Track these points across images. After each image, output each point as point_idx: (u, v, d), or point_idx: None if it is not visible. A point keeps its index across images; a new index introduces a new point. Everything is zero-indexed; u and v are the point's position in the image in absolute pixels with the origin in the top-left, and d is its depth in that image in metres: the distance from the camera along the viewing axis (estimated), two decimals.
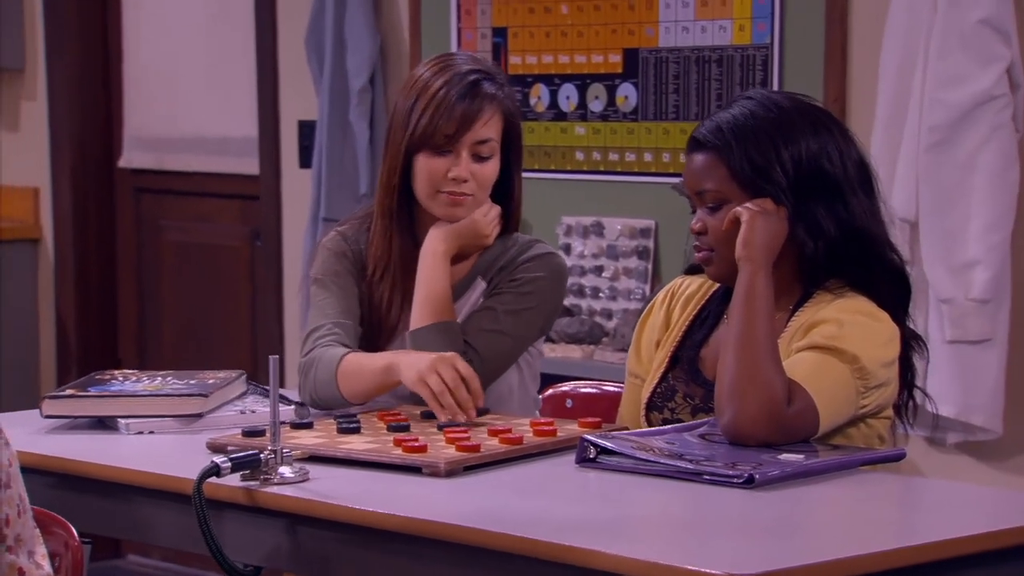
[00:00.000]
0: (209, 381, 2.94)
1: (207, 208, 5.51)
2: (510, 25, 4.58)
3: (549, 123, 4.52)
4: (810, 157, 2.63)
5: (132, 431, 2.81)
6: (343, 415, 2.77)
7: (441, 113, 2.87)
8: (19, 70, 5.76)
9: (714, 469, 2.42)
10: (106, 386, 2.93)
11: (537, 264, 2.98)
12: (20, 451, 2.68)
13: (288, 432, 2.67)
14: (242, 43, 5.21)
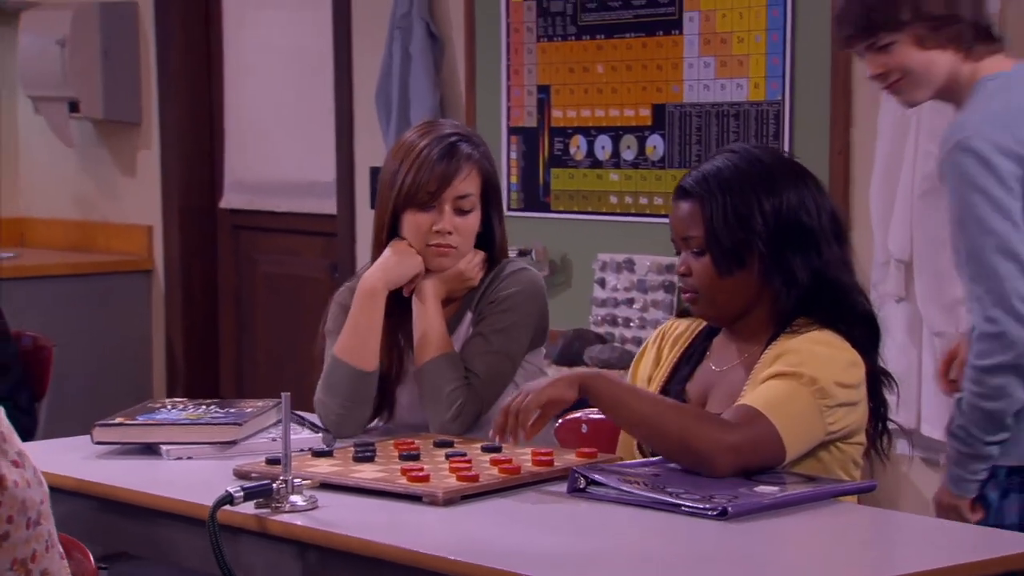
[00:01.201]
0: (247, 410, 2.78)
1: (293, 244, 5.40)
2: (553, 83, 4.44)
3: (587, 170, 4.36)
4: (789, 209, 2.46)
5: (172, 457, 2.66)
6: (361, 444, 2.59)
7: (423, 172, 2.75)
8: (136, 124, 5.69)
9: (691, 502, 2.23)
10: (153, 414, 2.77)
11: (511, 281, 2.83)
12: (65, 475, 2.57)
13: (308, 460, 2.52)
14: (323, 99, 5.11)
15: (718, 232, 2.44)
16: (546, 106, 4.45)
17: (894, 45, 2.75)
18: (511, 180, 4.52)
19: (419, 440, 2.64)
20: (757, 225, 2.43)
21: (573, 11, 4.36)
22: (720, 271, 2.46)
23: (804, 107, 3.92)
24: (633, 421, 2.42)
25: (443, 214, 2.77)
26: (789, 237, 2.44)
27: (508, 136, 4.52)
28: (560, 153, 4.42)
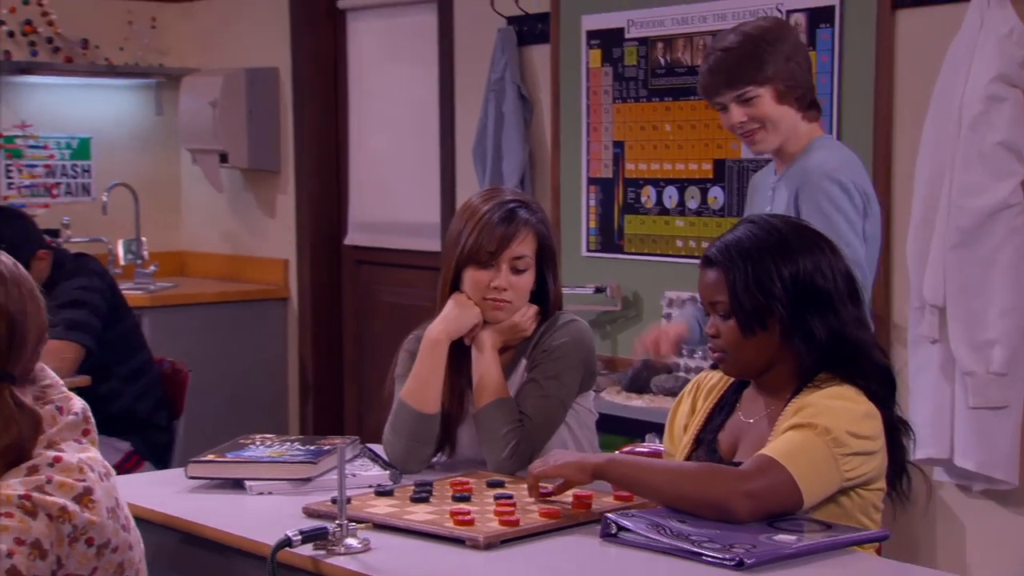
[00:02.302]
0: (324, 447, 2.63)
1: (406, 276, 5.28)
2: (627, 139, 4.28)
3: (656, 216, 4.18)
4: (805, 274, 2.28)
5: (255, 492, 2.52)
6: (420, 484, 2.43)
7: (484, 234, 2.61)
8: (276, 172, 5.64)
9: (712, 551, 2.05)
10: (241, 451, 2.64)
11: (561, 332, 2.68)
12: (155, 509, 2.44)
13: (370, 499, 2.37)
14: (431, 151, 5.01)
15: (741, 298, 2.27)
16: (621, 160, 4.29)
17: (757, 98, 2.88)
18: (590, 224, 4.37)
19: (474, 480, 2.48)
20: (776, 290, 2.26)
21: (644, 76, 4.20)
22: (744, 333, 2.28)
23: None
24: (653, 494, 2.25)
25: (500, 272, 2.63)
26: (807, 300, 2.26)
27: (587, 186, 4.37)
28: (632, 201, 4.26)
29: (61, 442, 1.76)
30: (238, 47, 5.70)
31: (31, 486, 1.67)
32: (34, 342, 1.79)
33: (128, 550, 1.77)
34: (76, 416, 1.81)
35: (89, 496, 1.70)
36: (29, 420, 1.73)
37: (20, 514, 1.65)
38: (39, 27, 5.57)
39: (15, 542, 1.64)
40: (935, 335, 3.36)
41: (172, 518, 2.39)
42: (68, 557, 1.68)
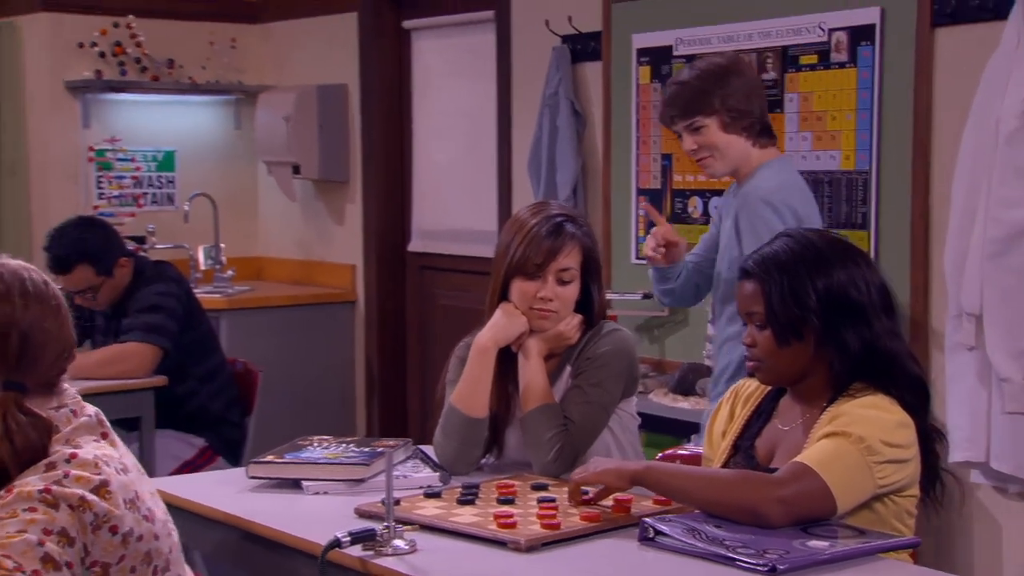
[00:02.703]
0: (377, 450, 2.58)
1: (465, 281, 5.21)
2: (674, 152, 4.19)
3: (702, 226, 4.09)
4: (839, 286, 2.20)
5: (311, 492, 2.48)
6: (467, 486, 2.38)
7: (532, 247, 2.56)
8: (344, 182, 5.62)
9: (745, 556, 1.98)
10: (299, 452, 2.60)
11: (604, 341, 2.62)
12: (216, 507, 2.41)
13: (418, 501, 2.32)
14: (488, 162, 4.97)
15: (776, 309, 2.20)
16: (668, 171, 4.21)
17: (704, 128, 2.95)
18: (638, 233, 4.28)
19: (519, 483, 2.42)
20: (811, 302, 2.19)
21: None
22: (779, 343, 2.22)
23: (889, 176, 3.60)
24: (689, 500, 2.19)
25: (546, 283, 2.57)
26: (841, 312, 2.19)
27: (637, 196, 4.29)
28: (680, 211, 4.18)
29: (77, 439, 1.75)
30: (310, 65, 5.69)
31: (50, 480, 1.67)
32: (53, 356, 1.79)
33: (154, 540, 1.75)
34: (90, 418, 1.81)
35: (106, 488, 1.69)
36: (39, 426, 1.73)
37: (43, 507, 1.64)
38: (128, 48, 5.59)
39: (43, 532, 1.63)
40: (972, 342, 3.25)
41: (232, 516, 2.36)
42: (93, 544, 1.67)
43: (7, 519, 1.63)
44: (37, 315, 1.78)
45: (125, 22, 5.55)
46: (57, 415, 1.77)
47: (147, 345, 3.84)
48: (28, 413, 1.73)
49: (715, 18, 4.02)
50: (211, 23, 5.81)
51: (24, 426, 1.71)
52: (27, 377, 1.76)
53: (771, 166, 3.02)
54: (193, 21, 5.77)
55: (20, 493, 1.65)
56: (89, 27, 5.51)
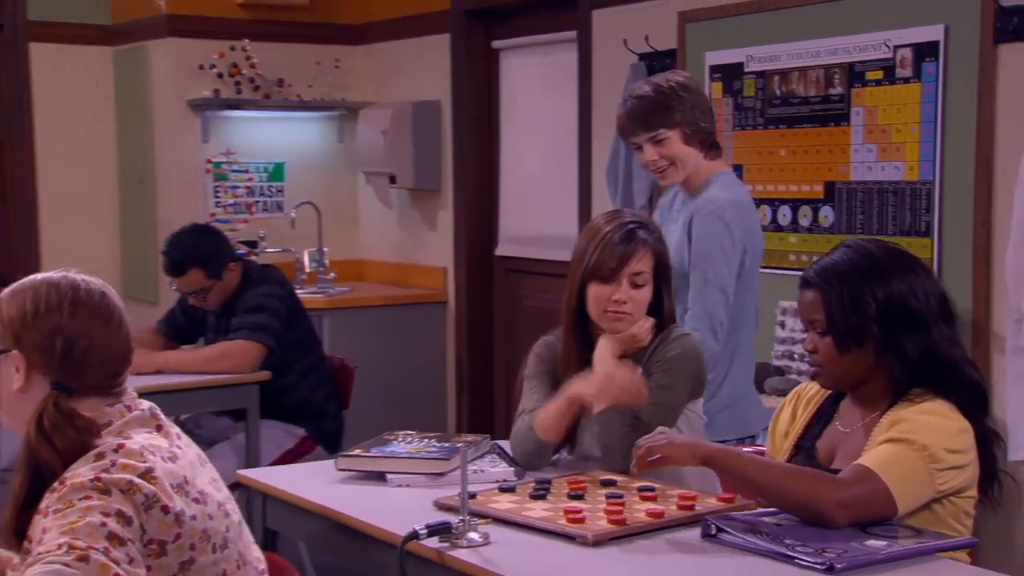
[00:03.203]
0: (457, 445, 2.53)
1: (548, 284, 5.13)
2: (745, 163, 4.09)
3: (771, 233, 3.98)
4: (898, 295, 2.10)
5: (395, 484, 2.44)
6: (540, 481, 2.32)
7: (606, 252, 2.48)
8: (437, 191, 5.59)
9: (805, 555, 1.90)
10: (384, 447, 2.56)
11: (673, 345, 2.53)
12: (307, 498, 2.38)
13: (493, 495, 2.27)
14: (570, 172, 4.89)
15: (836, 318, 2.11)
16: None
17: (667, 140, 2.92)
18: None
19: (588, 478, 2.36)
20: (870, 310, 2.09)
21: (762, 106, 4.01)
22: (840, 350, 2.12)
23: (952, 186, 3.47)
24: (756, 489, 2.09)
25: (620, 287, 2.49)
26: (900, 320, 2.09)
27: None
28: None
29: (128, 431, 1.75)
30: (407, 83, 5.68)
31: (99, 469, 1.66)
32: (100, 360, 1.78)
33: (208, 520, 1.72)
34: (143, 412, 1.80)
35: (151, 474, 1.68)
36: (78, 424, 1.73)
37: (96, 494, 1.63)
38: (243, 69, 5.63)
39: (103, 514, 1.62)
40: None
41: (321, 506, 2.33)
42: (148, 523, 1.65)
43: (66, 509, 1.62)
44: (84, 323, 1.78)
45: (241, 45, 5.59)
46: (111, 411, 1.77)
47: (253, 343, 3.85)
48: (67, 412, 1.73)
49: (784, 36, 3.91)
50: (318, 45, 5.83)
51: (60, 423, 1.72)
52: (73, 379, 1.76)
53: (722, 178, 3.00)
54: (301, 44, 5.79)
55: (73, 484, 1.65)
56: (209, 50, 5.56)
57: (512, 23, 5.26)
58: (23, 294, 1.80)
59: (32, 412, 1.73)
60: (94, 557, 1.57)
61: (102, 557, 1.58)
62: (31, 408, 1.74)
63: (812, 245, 3.88)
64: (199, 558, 1.70)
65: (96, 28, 5.85)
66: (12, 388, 1.77)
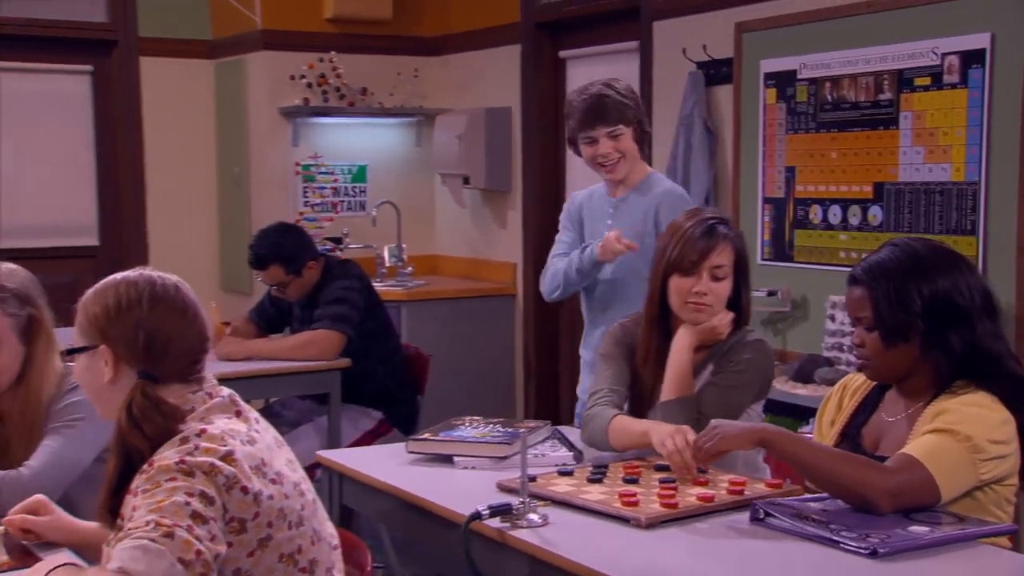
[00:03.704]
0: (520, 430, 2.48)
1: None
2: (797, 165, 3.99)
3: (822, 231, 3.88)
4: (943, 292, 2.02)
5: (461, 466, 2.42)
6: (597, 465, 2.27)
7: (688, 246, 2.42)
8: (507, 191, 5.55)
9: (849, 540, 1.83)
10: (452, 431, 2.53)
11: (748, 349, 2.46)
12: (379, 478, 2.36)
13: (553, 478, 2.23)
14: None
15: (883, 314, 2.03)
16: (792, 182, 4.00)
17: (623, 136, 3.01)
18: (764, 237, 4.10)
19: (644, 464, 2.30)
20: (916, 307, 2.01)
21: (814, 111, 3.91)
22: (887, 344, 2.05)
23: (997, 187, 3.35)
24: (806, 470, 2.02)
25: (701, 279, 2.42)
26: (944, 315, 2.01)
27: (763, 204, 4.10)
28: (802, 218, 3.97)
29: (210, 417, 1.74)
30: (480, 91, 5.65)
31: (183, 452, 1.66)
32: (179, 350, 1.78)
33: (284, 499, 1.71)
34: (223, 399, 1.79)
35: (231, 456, 1.67)
36: (164, 410, 1.73)
37: (181, 476, 1.63)
38: (330, 79, 5.64)
39: (187, 494, 1.61)
40: None
41: (392, 487, 2.31)
42: (229, 503, 1.64)
43: (154, 489, 1.62)
44: (162, 316, 1.77)
45: (328, 57, 5.61)
46: (193, 398, 1.76)
47: (334, 332, 3.84)
48: (154, 399, 1.73)
49: (836, 44, 3.81)
50: (399, 57, 5.82)
51: (147, 411, 1.71)
52: (157, 369, 1.76)
53: (658, 175, 3.17)
54: (384, 55, 5.79)
55: (160, 466, 1.64)
56: (299, 62, 5.58)
57: (578, 34, 5.20)
58: (105, 293, 1.80)
59: (122, 401, 1.73)
60: (178, 534, 1.56)
61: (186, 534, 1.57)
62: (120, 397, 1.74)
63: (861, 243, 3.77)
64: (276, 535, 1.68)
65: (199, 43, 5.91)
66: (103, 380, 1.78)
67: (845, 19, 3.78)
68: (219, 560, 1.61)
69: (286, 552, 1.70)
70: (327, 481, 2.56)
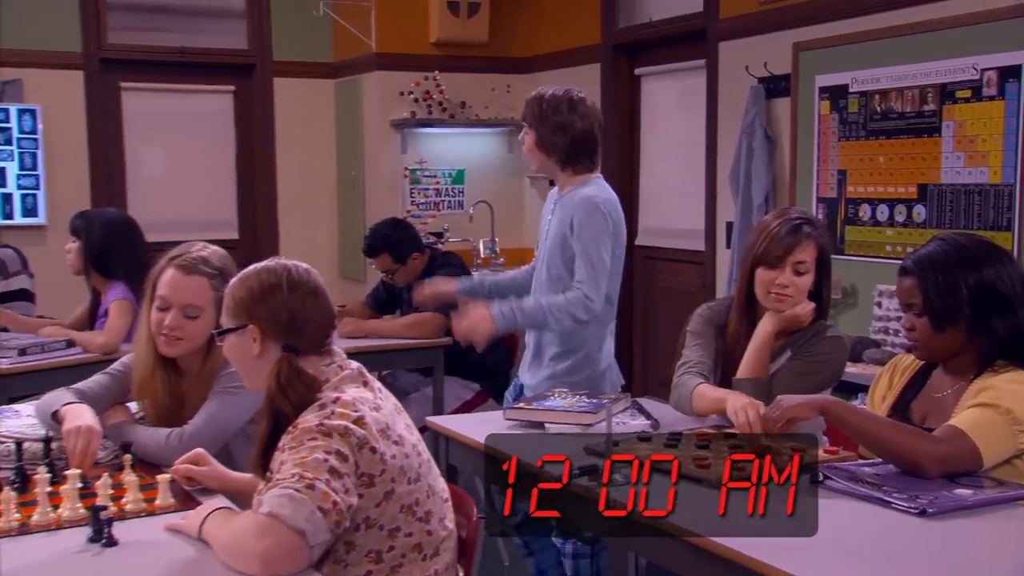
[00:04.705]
0: (603, 401, 2.49)
1: (679, 268, 5.04)
2: (848, 168, 3.91)
3: (870, 228, 3.81)
4: (988, 281, 1.98)
5: (552, 431, 2.42)
6: (673, 433, 2.26)
7: (774, 242, 2.38)
8: None
9: (900, 500, 1.81)
10: (544, 401, 2.54)
11: (825, 343, 2.42)
12: (478, 440, 2.37)
13: (633, 443, 2.21)
14: (697, 176, 4.76)
15: (932, 301, 1.99)
16: (844, 184, 3.93)
17: (526, 136, 2.93)
18: None
19: (713, 431, 2.29)
20: (963, 294, 1.97)
21: (864, 120, 3.83)
22: (935, 328, 2.01)
23: None
24: (863, 437, 2.00)
25: (784, 272, 2.38)
26: (989, 302, 1.97)
27: (817, 203, 4.03)
28: (852, 215, 3.90)
29: (343, 386, 1.77)
30: None
31: (322, 417, 1.69)
32: (315, 325, 1.81)
33: (405, 458, 1.74)
34: (352, 371, 1.82)
35: (362, 420, 1.70)
36: (306, 380, 1.76)
37: (321, 437, 1.66)
38: (434, 95, 5.69)
39: (325, 452, 1.64)
40: None
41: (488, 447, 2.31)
42: (360, 461, 1.68)
43: (297, 447, 1.66)
44: (299, 297, 1.81)
45: (432, 76, 5.66)
46: (327, 370, 1.79)
47: (439, 314, 3.88)
48: (297, 369, 1.76)
49: (884, 61, 3.73)
50: (493, 75, 5.84)
51: (293, 379, 1.75)
52: (298, 342, 1.80)
53: (595, 181, 2.92)
54: (480, 73, 5.82)
55: (303, 428, 1.68)
56: (407, 80, 5.64)
57: (651, 54, 5.17)
58: (248, 280, 1.84)
59: (270, 372, 1.77)
60: (318, 486, 1.61)
61: (324, 486, 1.61)
62: (267, 370, 1.78)
63: (906, 238, 3.69)
64: (398, 489, 1.71)
65: (322, 65, 6.01)
66: (251, 355, 1.82)
67: (893, 39, 3.69)
68: (351, 510, 1.65)
69: (406, 504, 1.73)
70: (432, 443, 2.59)
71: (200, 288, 2.23)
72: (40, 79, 5.38)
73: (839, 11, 3.89)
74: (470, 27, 5.69)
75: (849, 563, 1.60)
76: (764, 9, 4.23)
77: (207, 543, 1.70)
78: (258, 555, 1.57)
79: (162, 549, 1.71)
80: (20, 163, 5.32)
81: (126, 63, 5.60)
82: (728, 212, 4.45)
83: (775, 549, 1.64)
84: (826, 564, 1.59)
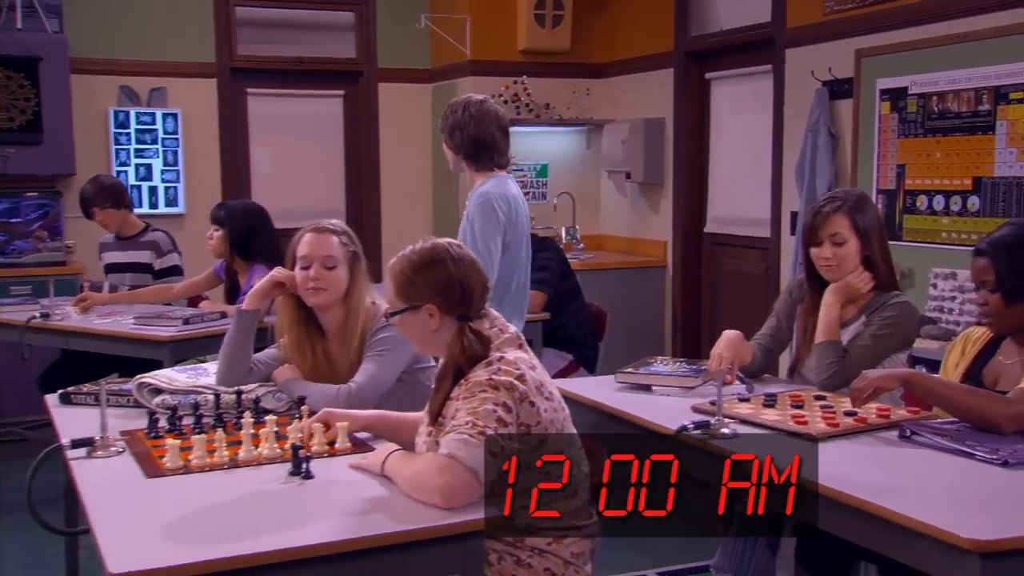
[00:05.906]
0: (702, 367, 2.59)
1: (744, 253, 5.10)
2: (907, 162, 3.94)
3: (927, 216, 3.84)
4: None
5: (659, 393, 2.53)
6: (768, 394, 2.36)
7: (811, 223, 2.49)
8: (660, 184, 5.58)
9: (982, 452, 1.89)
10: (649, 367, 2.65)
11: (894, 307, 2.48)
12: (595, 400, 2.48)
13: (735, 404, 2.31)
14: (765, 171, 4.79)
15: (1004, 278, 2.06)
16: (902, 177, 3.95)
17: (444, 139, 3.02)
18: None
19: (805, 393, 2.39)
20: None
21: (922, 119, 3.85)
22: (1008, 303, 2.08)
23: None
24: (942, 402, 2.08)
25: (824, 246, 2.47)
26: None
27: (877, 194, 4.06)
28: (910, 205, 3.93)
29: (504, 348, 1.86)
30: (639, 105, 5.70)
31: (490, 373, 1.79)
32: (478, 294, 1.89)
33: (553, 412, 1.84)
34: (511, 335, 1.90)
35: (523, 377, 1.80)
36: (482, 340, 1.85)
37: (490, 390, 1.77)
38: (521, 97, 5.78)
39: (494, 404, 1.75)
40: None
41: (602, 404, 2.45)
42: (521, 412, 1.78)
43: (470, 398, 1.77)
44: (463, 269, 1.90)
45: (520, 80, 5.75)
46: (491, 333, 1.88)
47: (538, 291, 4.00)
48: (474, 332, 1.86)
49: (941, 66, 3.75)
50: (574, 79, 5.92)
51: (472, 342, 1.84)
52: (468, 310, 1.89)
53: (493, 179, 3.00)
54: (563, 78, 5.90)
55: (475, 382, 1.79)
56: (498, 84, 5.75)
57: (721, 60, 5.21)
58: (415, 261, 1.90)
59: (451, 340, 1.86)
60: (488, 433, 1.74)
61: (493, 434, 1.74)
62: (442, 339, 1.88)
63: (960, 226, 3.72)
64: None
65: (421, 71, 6.15)
66: (429, 330, 1.90)
67: (950, 46, 3.71)
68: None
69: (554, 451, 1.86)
70: None
71: (333, 243, 2.39)
72: (180, 86, 5.62)
73: (899, 20, 3.92)
74: (554, 36, 5.78)
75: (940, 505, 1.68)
76: (828, 19, 4.27)
77: (389, 478, 1.82)
78: (439, 488, 1.71)
79: (352, 482, 1.84)
80: (164, 160, 5.59)
81: (252, 71, 5.81)
82: (792, 202, 4.50)
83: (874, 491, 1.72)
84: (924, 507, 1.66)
